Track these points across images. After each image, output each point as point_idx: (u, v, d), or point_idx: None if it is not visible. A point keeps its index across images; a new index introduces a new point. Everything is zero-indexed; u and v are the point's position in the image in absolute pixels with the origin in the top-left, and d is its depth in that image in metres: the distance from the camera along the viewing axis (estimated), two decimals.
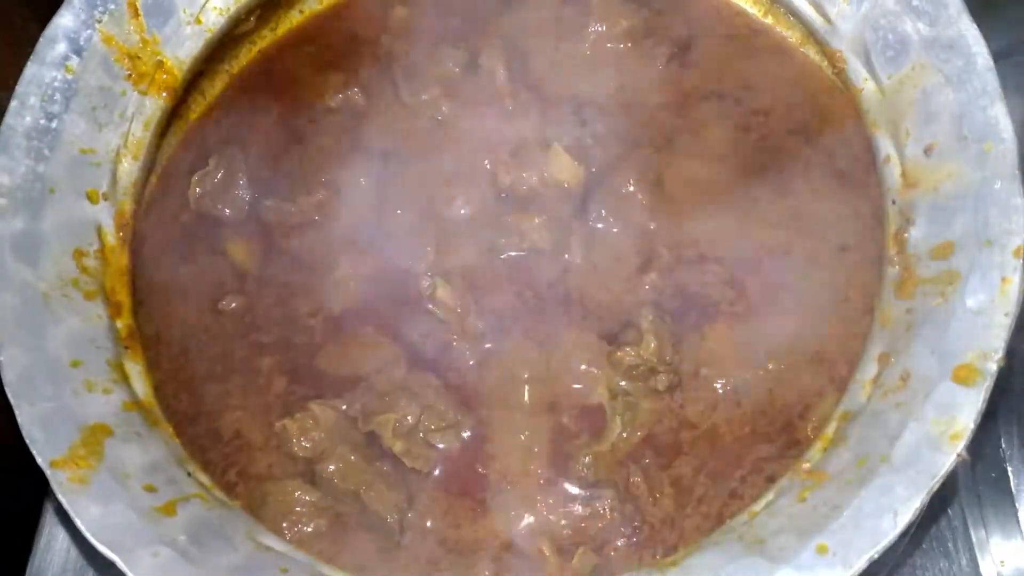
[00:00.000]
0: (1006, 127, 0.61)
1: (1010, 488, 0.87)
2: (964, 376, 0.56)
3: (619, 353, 0.72)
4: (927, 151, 0.66)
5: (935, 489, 0.54)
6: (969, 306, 0.58)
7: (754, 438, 0.70)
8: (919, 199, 0.66)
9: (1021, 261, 0.58)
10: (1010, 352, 0.58)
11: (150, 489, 0.60)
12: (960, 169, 0.63)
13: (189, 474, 0.63)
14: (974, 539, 0.85)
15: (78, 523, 0.56)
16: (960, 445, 0.54)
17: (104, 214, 0.74)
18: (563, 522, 0.69)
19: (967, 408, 0.55)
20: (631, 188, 0.79)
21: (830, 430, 0.63)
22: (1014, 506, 0.86)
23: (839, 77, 0.77)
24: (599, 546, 0.67)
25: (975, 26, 0.65)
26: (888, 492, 0.54)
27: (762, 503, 0.61)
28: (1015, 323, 0.57)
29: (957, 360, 0.57)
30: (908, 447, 0.55)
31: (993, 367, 0.56)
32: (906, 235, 0.66)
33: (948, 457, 0.54)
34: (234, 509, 0.64)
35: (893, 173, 0.69)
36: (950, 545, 0.84)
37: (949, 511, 0.85)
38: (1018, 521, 0.85)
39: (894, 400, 0.59)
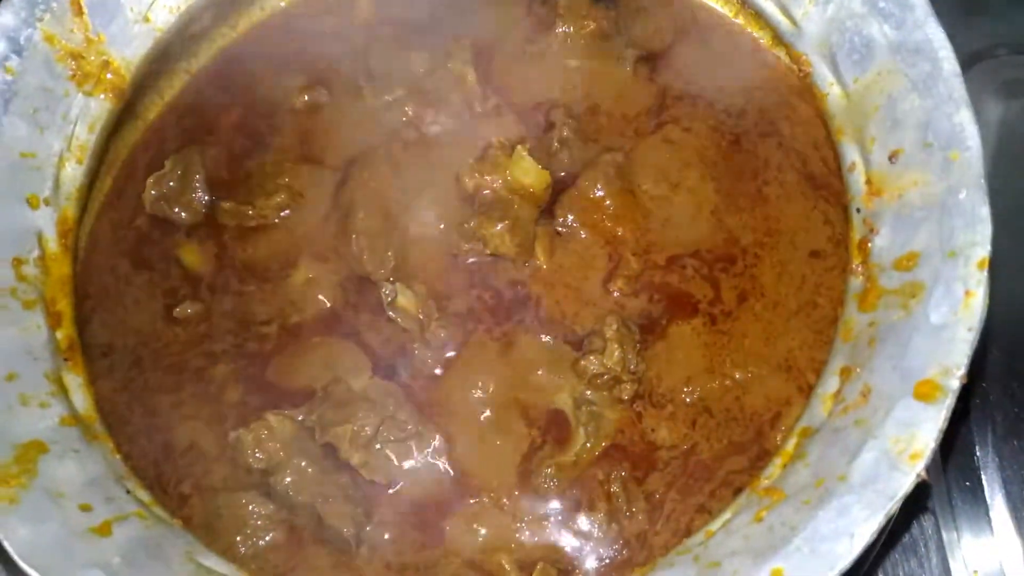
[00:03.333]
0: (972, 134, 0.60)
1: (984, 496, 0.86)
2: (925, 393, 0.55)
3: (583, 362, 0.71)
4: (892, 158, 0.64)
5: (894, 511, 0.52)
6: (932, 320, 0.56)
7: (727, 449, 0.68)
8: (884, 208, 0.64)
9: (986, 274, 0.56)
10: (982, 362, 0.56)
11: (85, 508, 0.58)
12: (925, 177, 0.61)
13: (128, 491, 0.61)
14: (947, 548, 0.84)
15: (6, 545, 0.54)
16: (920, 465, 0.52)
17: (45, 220, 0.71)
18: (525, 535, 0.67)
19: (927, 426, 0.54)
20: (599, 192, 0.77)
21: (790, 446, 0.61)
22: (987, 514, 0.85)
23: (804, 82, 0.75)
24: (566, 563, 0.66)
25: (942, 30, 0.63)
26: (845, 513, 0.53)
27: (719, 522, 0.59)
28: (979, 337, 0.56)
29: (919, 376, 0.55)
30: (867, 466, 0.54)
31: (955, 383, 0.54)
32: (870, 244, 0.65)
33: (908, 477, 0.53)
34: (174, 528, 0.62)
35: (858, 180, 0.68)
36: (923, 553, 0.83)
37: (922, 520, 0.84)
38: (991, 529, 0.84)
39: (854, 416, 0.57)
